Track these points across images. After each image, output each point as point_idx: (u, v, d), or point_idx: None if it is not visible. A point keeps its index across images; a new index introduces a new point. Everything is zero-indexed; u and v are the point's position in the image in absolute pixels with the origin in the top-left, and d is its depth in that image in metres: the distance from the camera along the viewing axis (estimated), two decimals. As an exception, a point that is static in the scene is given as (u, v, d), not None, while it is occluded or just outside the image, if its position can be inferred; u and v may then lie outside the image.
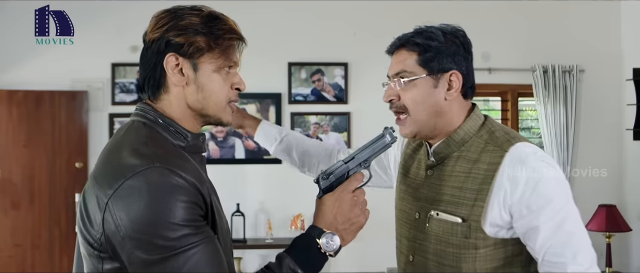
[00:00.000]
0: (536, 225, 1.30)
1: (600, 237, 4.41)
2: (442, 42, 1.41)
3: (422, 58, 1.42)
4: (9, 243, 4.38)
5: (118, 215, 1.10)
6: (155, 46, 1.24)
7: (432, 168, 1.48)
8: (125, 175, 1.11)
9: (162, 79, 1.25)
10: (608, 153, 4.81)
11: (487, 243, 1.35)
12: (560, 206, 1.33)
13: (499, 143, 1.39)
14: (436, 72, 1.41)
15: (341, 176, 1.37)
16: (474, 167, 1.39)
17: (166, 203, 1.10)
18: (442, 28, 1.45)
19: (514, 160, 1.34)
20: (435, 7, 4.68)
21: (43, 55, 4.46)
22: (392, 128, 1.39)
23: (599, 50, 4.86)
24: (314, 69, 4.72)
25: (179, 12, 1.25)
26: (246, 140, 4.67)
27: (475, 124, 1.45)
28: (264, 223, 4.64)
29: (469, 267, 1.37)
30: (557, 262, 1.30)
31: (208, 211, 1.19)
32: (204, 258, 1.12)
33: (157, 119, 1.24)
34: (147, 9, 1.42)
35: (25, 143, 4.41)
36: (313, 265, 1.25)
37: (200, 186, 1.16)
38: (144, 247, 1.09)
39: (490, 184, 1.34)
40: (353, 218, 1.32)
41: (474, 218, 1.35)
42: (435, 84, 1.42)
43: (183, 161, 1.19)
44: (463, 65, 1.43)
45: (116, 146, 1.22)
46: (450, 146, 1.45)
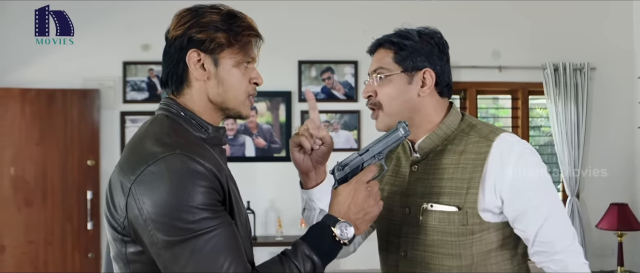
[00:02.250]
0: (526, 210, 1.41)
1: (612, 236, 4.39)
2: (417, 41, 1.50)
3: (397, 56, 1.51)
4: (22, 240, 4.42)
5: (140, 199, 1.17)
6: (177, 43, 1.30)
7: (417, 164, 1.55)
8: (147, 162, 1.18)
9: (184, 74, 1.31)
10: (619, 151, 4.79)
11: (482, 228, 1.44)
12: (545, 191, 1.45)
13: (484, 134, 1.48)
14: (410, 69, 1.50)
15: (356, 168, 1.41)
16: (461, 157, 1.47)
17: (186, 188, 1.16)
18: (419, 29, 1.53)
19: (501, 149, 1.43)
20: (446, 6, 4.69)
21: (55, 54, 4.49)
22: (405, 122, 1.43)
23: (610, 48, 4.83)
24: (324, 67, 4.73)
25: (200, 10, 1.31)
26: (256, 138, 4.69)
27: (456, 119, 1.54)
28: (274, 221, 4.66)
29: (467, 252, 1.45)
30: (547, 242, 1.41)
31: (226, 198, 1.25)
32: (222, 242, 1.17)
33: (180, 112, 1.31)
34: (158, 7, 1.44)
35: (37, 141, 4.45)
36: (327, 252, 1.29)
37: (218, 173, 1.22)
38: (164, 229, 1.16)
39: (480, 172, 1.43)
40: (367, 208, 1.35)
41: (469, 206, 1.43)
42: (409, 81, 1.50)
43: (203, 150, 1.25)
44: (437, 64, 1.51)
45: (140, 137, 1.29)
46: (435, 141, 1.52)
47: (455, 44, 5.56)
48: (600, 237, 4.68)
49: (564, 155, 4.66)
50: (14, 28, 4.52)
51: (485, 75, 4.71)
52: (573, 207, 4.65)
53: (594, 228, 4.50)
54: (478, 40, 4.76)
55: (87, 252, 4.47)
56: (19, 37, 4.50)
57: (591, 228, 4.66)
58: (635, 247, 4.71)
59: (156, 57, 4.51)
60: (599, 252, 4.72)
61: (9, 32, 4.54)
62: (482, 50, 4.73)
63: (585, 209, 4.73)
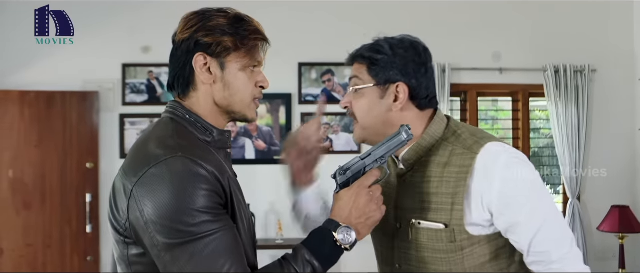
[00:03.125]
0: (518, 221, 1.36)
1: (614, 238, 4.38)
2: (389, 54, 1.46)
3: (370, 70, 1.48)
4: (21, 243, 4.40)
5: (141, 201, 1.18)
6: (184, 46, 1.32)
7: (404, 176, 1.51)
8: (149, 164, 1.19)
9: (191, 77, 1.33)
10: (620, 154, 4.78)
11: (472, 242, 1.40)
12: (537, 199, 1.39)
13: (468, 145, 1.42)
14: (383, 83, 1.46)
15: (358, 172, 1.40)
16: (445, 170, 1.42)
17: (187, 191, 1.17)
18: (393, 41, 1.48)
19: (486, 161, 1.38)
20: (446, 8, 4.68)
21: (54, 56, 4.49)
22: (408, 126, 1.40)
23: (611, 50, 4.82)
24: (325, 69, 4.72)
25: (207, 13, 1.33)
26: (256, 141, 4.68)
27: (440, 128, 1.49)
28: (274, 224, 4.64)
29: (459, 267, 1.41)
30: (542, 251, 1.36)
31: (228, 201, 1.25)
32: (223, 245, 1.17)
33: (185, 115, 1.32)
34: (158, 10, 1.44)
35: (36, 144, 4.44)
36: (328, 257, 1.28)
37: (220, 176, 1.22)
38: (164, 231, 1.16)
39: (464, 186, 1.38)
40: (369, 213, 1.34)
41: (455, 223, 1.38)
42: (381, 95, 1.47)
43: (206, 153, 1.26)
44: (413, 77, 1.46)
45: (144, 140, 1.30)
46: (418, 152, 1.48)
47: (456, 46, 5.59)
48: (601, 240, 4.67)
49: (565, 157, 4.65)
50: (14, 30, 4.52)
51: (485, 77, 4.70)
52: (574, 210, 4.63)
53: (595, 230, 4.49)
54: (478, 42, 4.75)
55: (86, 255, 4.46)
56: (19, 39, 4.49)
57: (592, 231, 4.64)
58: (636, 249, 4.69)
59: (156, 60, 4.52)
60: (601, 254, 4.71)
61: (8, 34, 4.53)
62: (483, 52, 4.73)
63: (586, 211, 4.72)
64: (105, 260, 4.51)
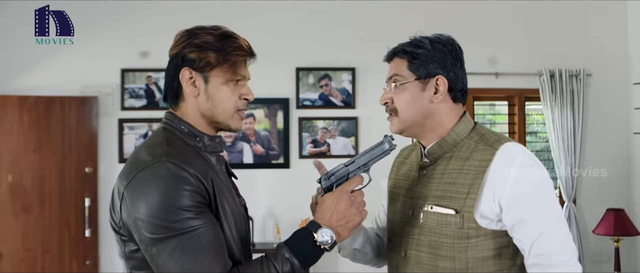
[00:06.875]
0: (524, 218, 1.42)
1: (609, 241, 4.41)
2: (429, 49, 1.56)
3: (411, 64, 1.57)
4: (20, 248, 4.41)
5: (131, 201, 1.32)
6: (174, 61, 1.45)
7: (426, 168, 1.60)
8: (138, 168, 1.33)
9: (179, 90, 1.46)
10: (616, 157, 4.81)
11: (479, 233, 1.46)
12: (545, 201, 1.47)
13: (490, 142, 1.52)
14: (424, 77, 1.56)
15: (342, 177, 1.49)
16: (465, 164, 1.51)
17: (170, 191, 1.29)
18: (431, 37, 1.59)
19: (504, 157, 1.47)
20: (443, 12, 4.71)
21: (53, 61, 4.51)
22: (391, 136, 1.51)
23: (606, 54, 4.85)
24: (322, 74, 4.75)
25: (196, 31, 1.45)
26: (254, 145, 4.70)
27: (467, 128, 1.60)
28: (272, 227, 4.66)
29: (462, 256, 1.47)
30: (543, 254, 1.41)
31: (211, 201, 1.36)
32: (204, 240, 1.29)
33: (178, 125, 1.45)
34: (156, 15, 1.50)
35: (35, 148, 4.45)
36: (307, 256, 1.37)
37: (203, 178, 1.34)
38: (150, 227, 1.29)
39: (482, 179, 1.46)
40: (348, 216, 1.43)
41: (466, 210, 1.46)
42: (423, 88, 1.56)
43: (192, 158, 1.38)
44: (450, 70, 1.57)
45: (139, 148, 1.44)
46: (443, 147, 1.58)
47: (452, 50, 5.41)
48: (596, 243, 4.70)
49: (561, 161, 4.68)
50: (13, 34, 4.54)
51: (482, 81, 4.72)
52: (570, 213, 4.66)
53: (591, 233, 4.51)
54: (474, 47, 4.75)
55: (85, 259, 4.47)
56: (18, 44, 4.51)
57: (588, 234, 4.67)
58: (631, 252, 4.73)
59: (154, 65, 4.54)
60: (596, 257, 4.74)
61: (7, 40, 4.55)
62: (479, 57, 4.75)
63: (582, 214, 4.75)
64: (104, 264, 4.53)
